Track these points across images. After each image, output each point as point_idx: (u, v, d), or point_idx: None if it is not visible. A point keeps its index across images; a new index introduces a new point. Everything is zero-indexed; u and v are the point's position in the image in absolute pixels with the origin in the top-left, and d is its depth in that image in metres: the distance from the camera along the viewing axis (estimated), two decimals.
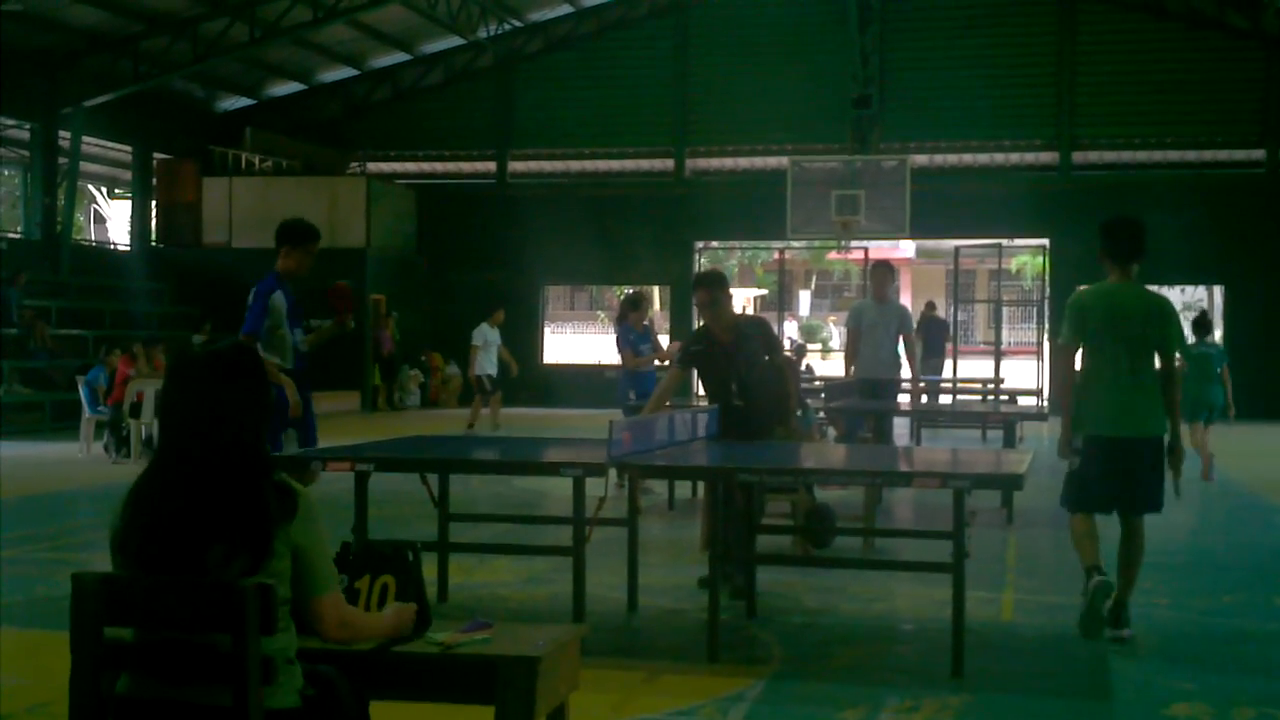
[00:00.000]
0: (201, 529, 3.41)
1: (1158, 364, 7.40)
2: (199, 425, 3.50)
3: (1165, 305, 7.49)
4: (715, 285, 8.78)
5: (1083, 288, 7.73)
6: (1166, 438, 7.39)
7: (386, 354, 28.09)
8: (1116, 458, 7.29)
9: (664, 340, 17.55)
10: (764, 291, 53.38)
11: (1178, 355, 7.53)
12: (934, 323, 27.02)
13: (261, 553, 3.42)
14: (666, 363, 13.85)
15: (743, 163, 29.93)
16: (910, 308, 30.17)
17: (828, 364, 39.58)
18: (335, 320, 9.51)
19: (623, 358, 14.13)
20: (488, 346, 21.24)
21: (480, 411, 21.25)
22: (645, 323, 14.29)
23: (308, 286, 9.16)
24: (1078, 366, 7.50)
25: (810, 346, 38.60)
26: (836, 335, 49.52)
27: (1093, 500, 7.40)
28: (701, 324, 9.19)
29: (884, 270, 14.09)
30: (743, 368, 8.71)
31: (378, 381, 27.82)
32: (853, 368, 13.61)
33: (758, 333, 8.94)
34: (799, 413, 10.67)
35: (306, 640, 3.62)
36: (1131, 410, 7.30)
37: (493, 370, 21.20)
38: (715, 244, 33.79)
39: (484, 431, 19.71)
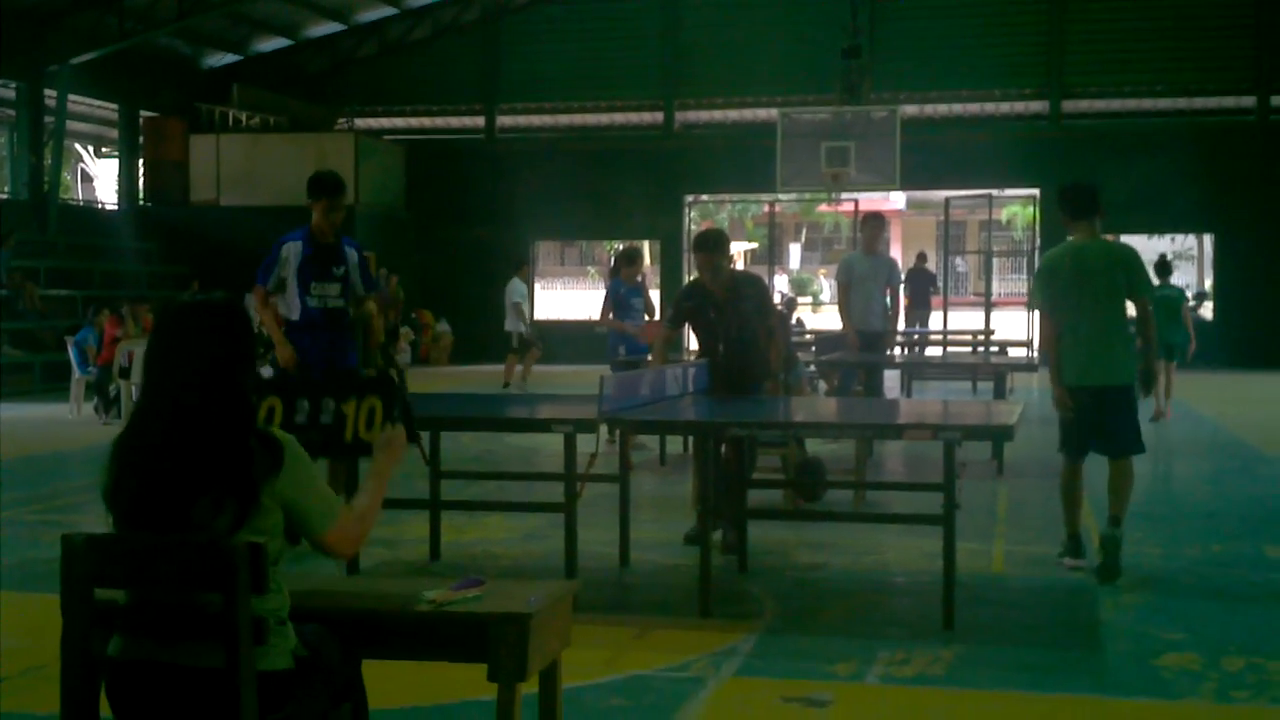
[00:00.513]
0: (187, 480, 3.40)
1: (1130, 310, 7.90)
2: (182, 375, 3.49)
3: (1129, 252, 8.06)
4: (716, 249, 8.73)
5: (1051, 250, 8.29)
6: (1137, 376, 7.88)
7: (391, 319, 27.69)
8: (1089, 406, 7.75)
9: (654, 296, 17.23)
10: (754, 245, 53.29)
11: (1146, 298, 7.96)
12: (922, 274, 27.07)
13: (247, 503, 3.42)
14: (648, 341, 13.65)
15: (732, 115, 29.84)
16: (900, 259, 30.36)
17: (818, 317, 39.59)
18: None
19: (601, 314, 13.83)
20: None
21: (514, 369, 21.20)
22: (639, 278, 14.10)
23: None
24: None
25: (801, 300, 38.62)
26: (827, 288, 49.46)
27: (1074, 445, 7.91)
28: (695, 278, 9.17)
29: (877, 222, 14.00)
30: (734, 326, 8.69)
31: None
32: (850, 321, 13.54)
33: (752, 291, 8.90)
34: (791, 369, 10.68)
35: (301, 601, 3.62)
36: (1099, 360, 7.74)
37: (525, 327, 21.07)
38: (705, 198, 33.72)
39: (514, 390, 19.71)
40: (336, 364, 8.89)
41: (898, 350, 15.84)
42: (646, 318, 14.04)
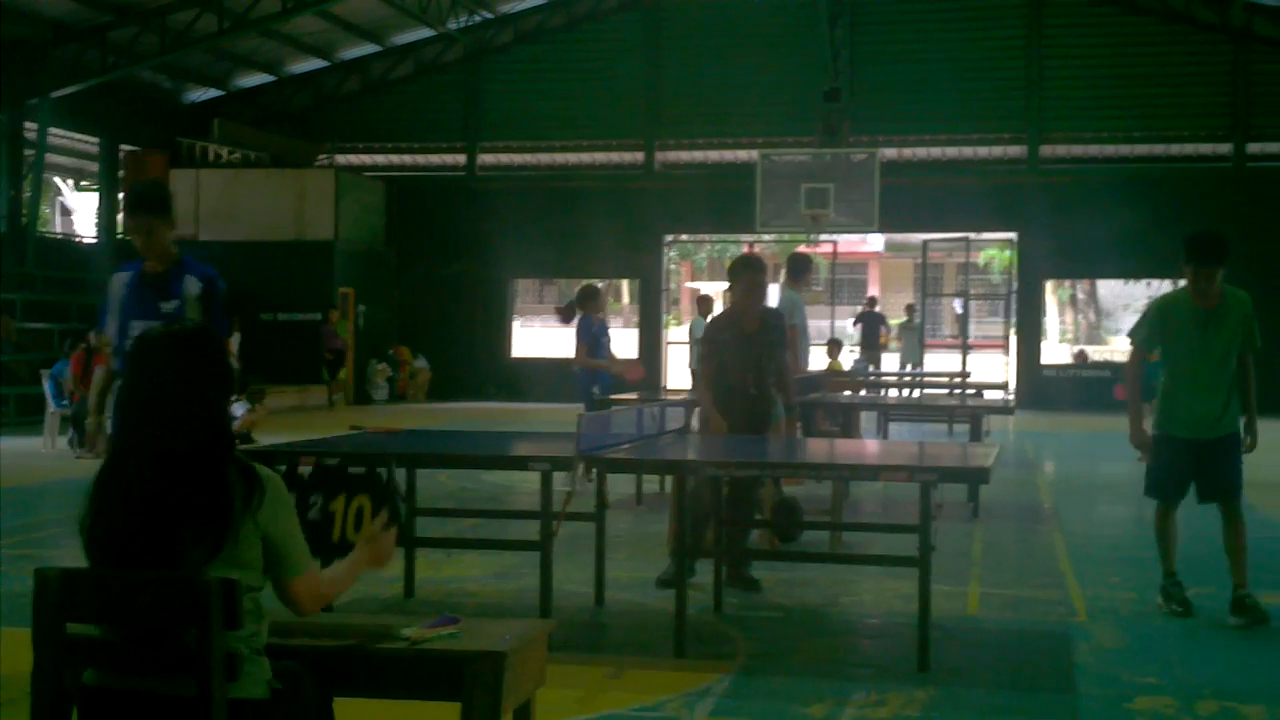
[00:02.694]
0: (167, 514, 3.40)
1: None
2: (157, 407, 3.48)
3: (1250, 305, 8.06)
4: (762, 270, 8.76)
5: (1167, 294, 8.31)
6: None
7: (334, 350, 27.05)
8: (1193, 455, 7.89)
9: (633, 335, 16.77)
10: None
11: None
12: (873, 317, 27.56)
13: (222, 530, 3.41)
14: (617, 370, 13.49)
15: (713, 155, 29.98)
16: (879, 301, 30.51)
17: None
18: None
19: (577, 353, 13.32)
20: None
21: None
22: (599, 315, 13.80)
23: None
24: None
25: None
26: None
27: (1170, 490, 8.01)
28: (726, 310, 9.12)
29: (803, 262, 13.92)
30: (764, 358, 8.70)
31: (324, 379, 26.90)
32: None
33: (777, 323, 8.92)
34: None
35: (277, 639, 3.61)
36: (1215, 413, 7.88)
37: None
38: (685, 237, 33.84)
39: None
40: None
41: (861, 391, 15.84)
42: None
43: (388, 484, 4.25)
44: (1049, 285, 33.97)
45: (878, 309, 28.56)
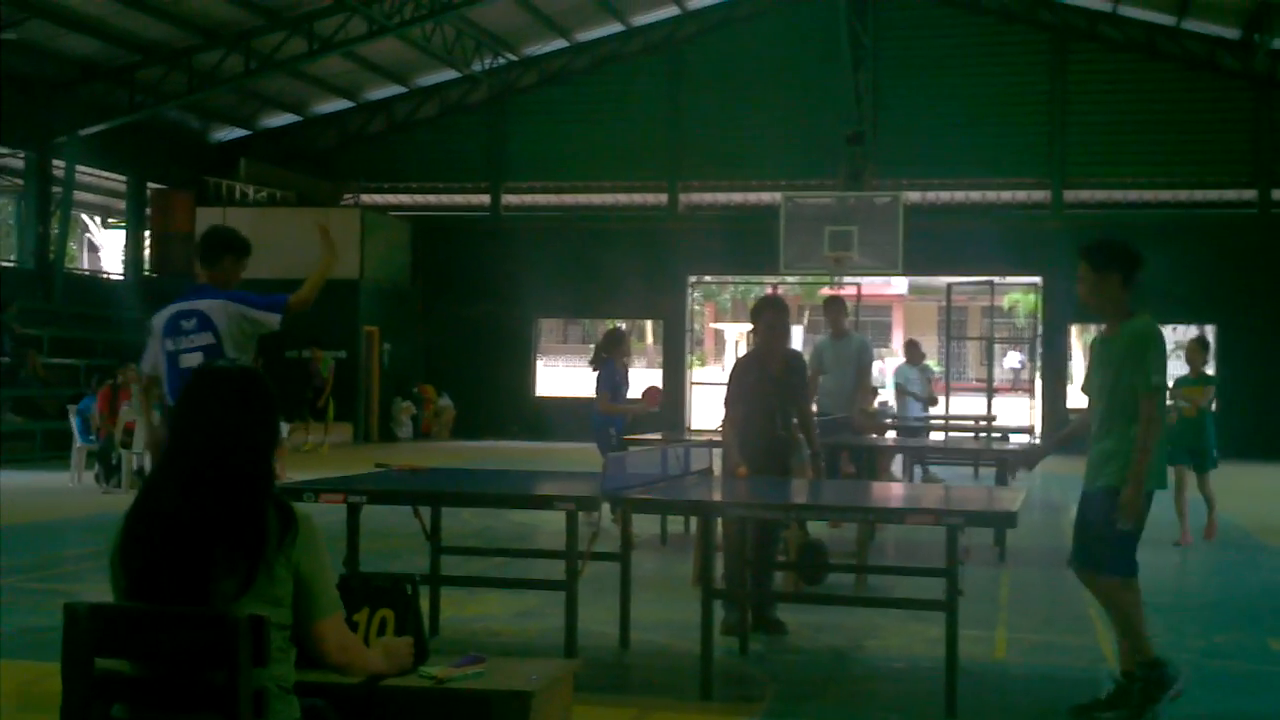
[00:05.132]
0: (200, 548, 3.40)
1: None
2: (198, 442, 3.50)
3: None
4: (787, 311, 8.78)
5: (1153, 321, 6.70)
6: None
7: (315, 388, 25.92)
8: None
9: (658, 376, 16.52)
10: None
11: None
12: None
13: (255, 567, 3.41)
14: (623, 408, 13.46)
15: (736, 197, 30.01)
16: (901, 344, 30.42)
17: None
18: None
19: (599, 399, 13.36)
20: None
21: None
22: (625, 361, 13.75)
23: None
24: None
25: None
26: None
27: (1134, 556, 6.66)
28: (750, 352, 9.11)
29: (837, 305, 13.93)
30: (789, 400, 8.69)
31: (306, 419, 25.36)
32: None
33: (799, 365, 8.92)
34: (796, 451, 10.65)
35: (304, 674, 3.60)
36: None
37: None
38: (708, 278, 33.85)
39: None
40: None
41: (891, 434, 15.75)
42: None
43: (411, 599, 4.24)
44: (1074, 330, 33.85)
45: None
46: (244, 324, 7.34)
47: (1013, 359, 46.00)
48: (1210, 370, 13.20)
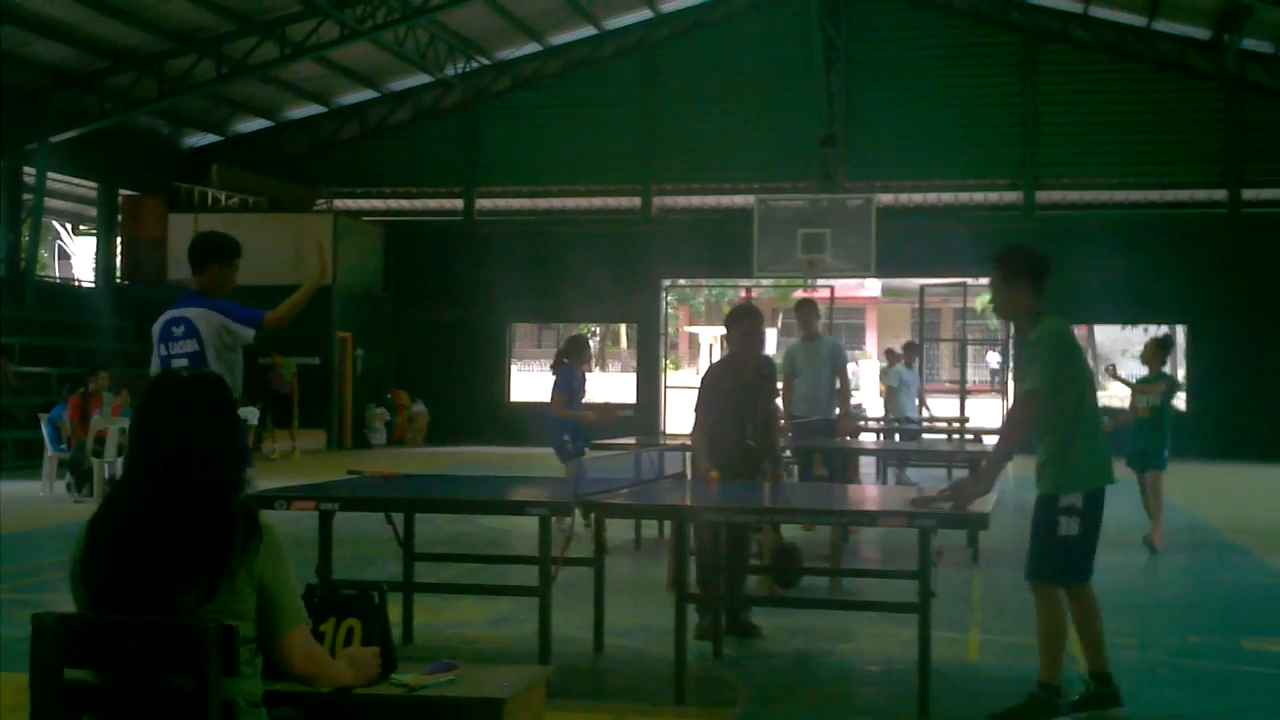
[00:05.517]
0: (164, 556, 3.38)
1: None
2: (162, 451, 3.48)
3: None
4: (759, 318, 8.78)
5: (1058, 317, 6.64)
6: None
7: (275, 394, 25.54)
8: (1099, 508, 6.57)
9: (630, 380, 16.22)
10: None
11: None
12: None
13: (220, 567, 3.38)
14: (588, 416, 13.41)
15: (709, 200, 30.04)
16: (876, 346, 30.48)
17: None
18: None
19: (554, 403, 13.09)
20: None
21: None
22: (584, 368, 13.46)
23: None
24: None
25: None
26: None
27: (1088, 563, 6.54)
28: (724, 359, 9.10)
29: (808, 307, 13.94)
30: (761, 407, 8.70)
31: (269, 428, 24.97)
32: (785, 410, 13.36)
33: (770, 372, 8.93)
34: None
35: (273, 684, 3.59)
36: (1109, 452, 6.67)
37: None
38: (682, 281, 33.88)
39: None
40: None
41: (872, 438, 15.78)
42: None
43: (379, 608, 4.23)
44: None
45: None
46: (224, 334, 7.66)
47: (993, 359, 46.11)
48: (1169, 370, 13.13)
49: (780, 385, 12.90)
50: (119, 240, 29.43)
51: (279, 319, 7.66)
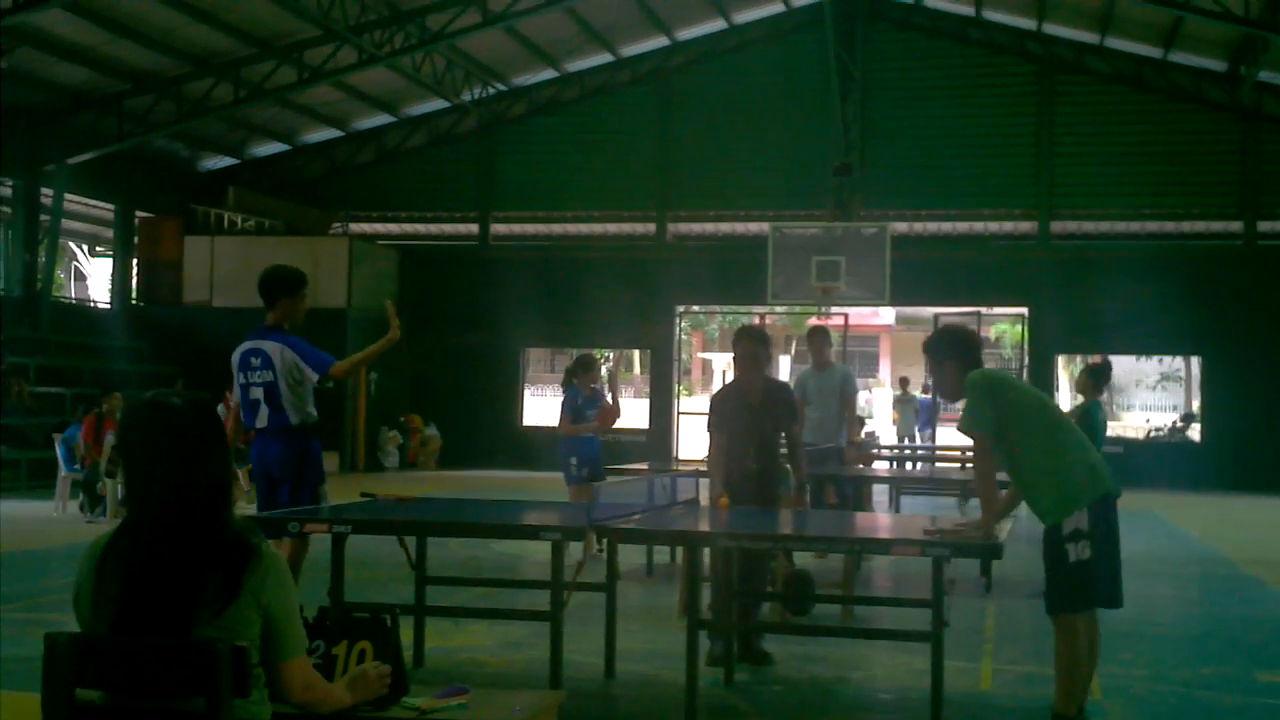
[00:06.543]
0: (166, 577, 3.38)
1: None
2: (154, 483, 3.46)
3: None
4: (764, 341, 8.73)
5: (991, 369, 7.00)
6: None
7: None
8: (1112, 521, 6.47)
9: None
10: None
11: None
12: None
13: (224, 604, 3.37)
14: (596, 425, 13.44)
15: (724, 228, 30.08)
16: (889, 374, 30.48)
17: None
18: None
19: (560, 423, 13.31)
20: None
21: None
22: (594, 385, 13.66)
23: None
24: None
25: None
26: None
27: (1101, 588, 6.42)
28: (730, 382, 9.06)
29: (820, 335, 13.94)
30: (767, 431, 8.68)
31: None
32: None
33: (784, 396, 8.89)
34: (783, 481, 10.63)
35: (280, 706, 3.59)
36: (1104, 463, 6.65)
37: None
38: (696, 308, 33.89)
39: None
40: (272, 474, 8.49)
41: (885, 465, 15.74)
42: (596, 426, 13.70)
43: (391, 630, 4.22)
44: (1060, 360, 33.93)
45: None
46: (295, 370, 8.40)
47: None
48: (1100, 398, 12.87)
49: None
50: (135, 262, 29.53)
51: (343, 371, 8.49)
